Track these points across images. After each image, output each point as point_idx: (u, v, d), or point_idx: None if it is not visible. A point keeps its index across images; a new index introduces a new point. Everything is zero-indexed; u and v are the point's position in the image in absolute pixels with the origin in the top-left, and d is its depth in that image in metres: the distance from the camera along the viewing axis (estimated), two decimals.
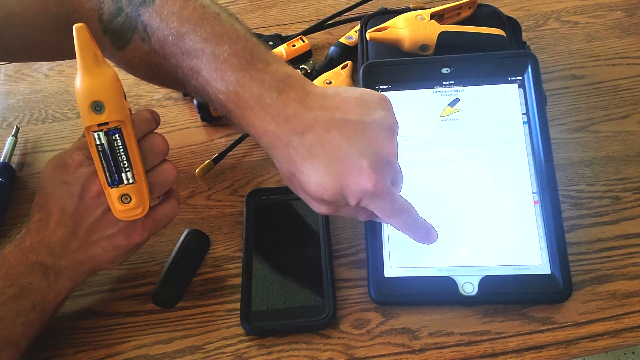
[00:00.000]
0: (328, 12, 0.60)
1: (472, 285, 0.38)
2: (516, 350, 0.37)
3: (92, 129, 0.33)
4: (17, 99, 0.57)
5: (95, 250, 0.36)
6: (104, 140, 0.33)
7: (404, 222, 0.35)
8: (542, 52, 0.54)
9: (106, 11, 0.36)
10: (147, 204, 0.35)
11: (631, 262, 0.40)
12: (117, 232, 0.36)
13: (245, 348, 0.38)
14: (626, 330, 0.37)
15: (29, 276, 0.35)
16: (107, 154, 0.34)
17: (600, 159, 0.46)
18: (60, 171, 0.35)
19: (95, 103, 0.32)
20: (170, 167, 0.37)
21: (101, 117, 0.32)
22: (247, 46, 0.33)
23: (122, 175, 0.34)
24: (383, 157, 0.32)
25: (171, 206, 0.38)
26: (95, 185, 0.35)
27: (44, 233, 0.36)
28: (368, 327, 0.38)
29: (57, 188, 0.35)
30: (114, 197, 0.35)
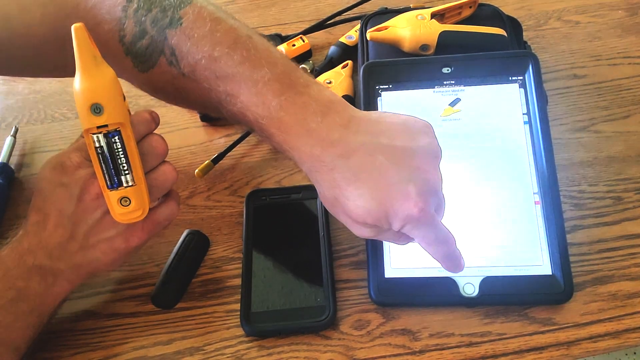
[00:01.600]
0: (328, 12, 0.60)
1: (473, 286, 0.38)
2: (517, 351, 0.36)
3: (91, 131, 0.33)
4: (16, 99, 0.57)
5: (94, 253, 0.36)
6: (103, 143, 0.33)
7: (443, 252, 0.34)
8: (543, 52, 0.54)
9: (128, 33, 0.35)
10: (146, 206, 0.35)
11: (633, 263, 0.40)
12: (116, 235, 0.36)
13: (245, 349, 0.38)
14: (627, 331, 0.37)
15: (27, 279, 0.35)
16: (107, 156, 0.33)
17: (602, 159, 0.46)
18: (58, 173, 0.35)
19: (94, 105, 0.32)
20: (169, 169, 0.36)
21: (100, 120, 0.32)
22: (286, 70, 0.33)
23: (121, 178, 0.34)
24: (429, 184, 0.32)
25: (171, 208, 0.38)
26: (94, 188, 0.35)
27: (41, 235, 0.35)
28: (368, 328, 0.38)
29: (54, 190, 0.35)
30: (113, 200, 0.34)
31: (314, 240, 0.42)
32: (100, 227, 0.35)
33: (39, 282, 0.35)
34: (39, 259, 0.35)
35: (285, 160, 0.49)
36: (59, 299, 0.37)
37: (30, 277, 0.35)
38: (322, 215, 0.43)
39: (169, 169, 0.36)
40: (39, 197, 0.36)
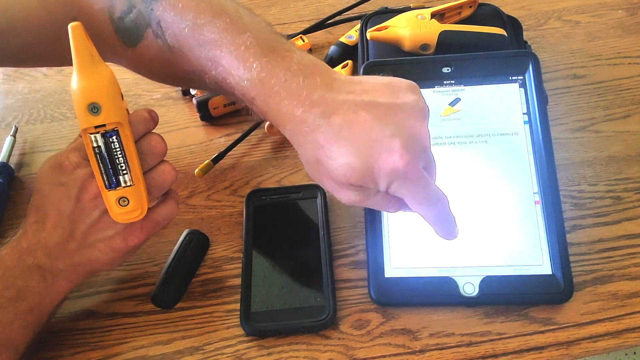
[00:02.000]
0: (328, 12, 0.60)
1: (473, 285, 0.38)
2: (517, 351, 0.36)
3: (89, 131, 0.33)
4: (15, 99, 0.57)
5: (93, 253, 0.36)
6: (100, 143, 0.33)
7: (436, 213, 0.33)
8: (543, 52, 0.54)
9: (117, 9, 0.36)
10: (145, 206, 0.35)
11: (633, 263, 0.40)
12: (115, 235, 0.36)
13: (244, 349, 0.38)
14: (627, 331, 0.37)
15: (26, 278, 0.35)
16: (105, 156, 0.33)
17: (602, 159, 0.46)
18: (56, 172, 0.35)
19: (91, 105, 0.32)
20: (168, 168, 0.36)
21: (98, 119, 0.32)
22: (269, 36, 0.33)
23: (119, 178, 0.34)
24: (416, 139, 0.31)
25: (169, 207, 0.38)
26: (92, 187, 0.35)
27: (40, 235, 0.35)
28: (368, 327, 0.38)
29: (53, 189, 0.35)
30: (111, 200, 0.34)
31: (313, 239, 0.42)
32: (98, 227, 0.35)
33: (38, 281, 0.35)
34: (38, 258, 0.35)
35: (285, 160, 0.49)
36: (59, 298, 0.37)
37: (29, 276, 0.35)
38: (322, 214, 0.43)
39: (168, 168, 0.36)
40: (37, 197, 0.36)
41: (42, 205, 0.35)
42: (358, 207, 0.45)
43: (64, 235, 0.35)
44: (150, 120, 0.36)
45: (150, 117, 0.36)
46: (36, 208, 0.36)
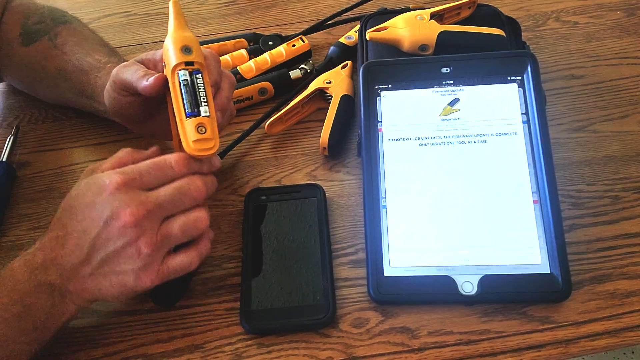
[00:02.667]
0: (328, 12, 0.60)
1: (472, 284, 0.38)
2: (515, 349, 0.37)
3: (179, 67, 0.38)
4: (17, 99, 0.58)
5: (103, 283, 0.35)
6: (187, 77, 0.38)
7: None
8: (541, 52, 0.55)
9: (31, 19, 0.51)
10: (218, 139, 0.37)
11: (631, 262, 0.40)
12: (130, 271, 0.35)
13: (244, 347, 0.38)
14: (626, 330, 0.37)
15: (35, 295, 0.34)
16: (189, 88, 0.37)
17: (600, 159, 0.46)
18: (92, 191, 0.35)
19: (184, 46, 0.38)
20: (202, 215, 0.36)
21: (189, 57, 0.38)
22: None
23: (200, 108, 0.37)
24: None
25: (190, 258, 0.37)
26: (125, 215, 0.34)
27: (57, 252, 0.35)
28: (367, 326, 0.38)
29: (84, 208, 0.34)
30: (190, 128, 0.36)
31: (313, 238, 0.42)
32: (118, 258, 0.34)
33: (46, 299, 0.34)
34: (51, 276, 0.34)
35: (285, 159, 0.49)
36: (64, 319, 0.36)
37: (39, 293, 0.34)
38: (322, 213, 0.43)
39: (202, 215, 0.36)
40: (65, 212, 0.35)
41: (67, 221, 0.35)
42: (357, 207, 0.45)
43: (81, 257, 0.34)
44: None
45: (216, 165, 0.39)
46: (61, 223, 0.35)
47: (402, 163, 0.42)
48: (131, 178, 0.35)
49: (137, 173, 0.35)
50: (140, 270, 0.35)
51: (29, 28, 0.50)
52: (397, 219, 0.40)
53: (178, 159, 0.36)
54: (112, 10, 0.66)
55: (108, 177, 0.35)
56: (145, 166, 0.36)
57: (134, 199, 0.34)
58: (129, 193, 0.34)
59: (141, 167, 0.36)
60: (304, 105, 0.52)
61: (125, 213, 0.34)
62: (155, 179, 0.36)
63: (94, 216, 0.34)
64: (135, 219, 0.34)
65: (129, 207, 0.34)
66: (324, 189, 0.45)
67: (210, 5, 0.65)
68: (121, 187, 0.34)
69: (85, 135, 0.53)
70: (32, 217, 0.47)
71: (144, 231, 0.34)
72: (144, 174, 0.35)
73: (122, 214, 0.34)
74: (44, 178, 0.50)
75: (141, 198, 0.34)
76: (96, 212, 0.34)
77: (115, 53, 0.51)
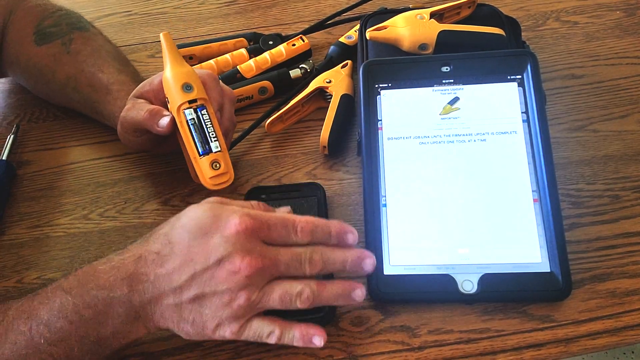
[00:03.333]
0: (328, 12, 0.61)
1: (472, 283, 0.38)
2: (515, 348, 0.37)
3: (183, 107, 0.40)
4: (17, 98, 0.58)
5: (184, 317, 0.33)
6: (194, 115, 0.40)
7: None
8: (541, 52, 0.55)
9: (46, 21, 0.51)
10: (232, 172, 0.40)
11: (631, 261, 0.40)
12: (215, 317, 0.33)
13: (244, 345, 0.38)
14: (626, 329, 0.37)
15: (110, 306, 0.32)
16: (198, 126, 0.39)
17: (600, 158, 0.46)
18: (217, 223, 0.33)
19: (185, 84, 0.40)
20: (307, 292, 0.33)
21: (191, 95, 0.40)
22: None
23: (211, 144, 0.40)
24: None
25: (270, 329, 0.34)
26: (241, 263, 0.32)
27: (153, 269, 0.33)
28: (367, 324, 0.38)
29: (200, 236, 0.33)
30: (205, 165, 0.39)
31: None
32: (210, 301, 0.32)
33: (120, 313, 0.33)
34: (137, 292, 0.33)
35: (285, 158, 0.49)
36: (129, 339, 0.34)
37: (115, 305, 0.32)
38: (322, 212, 0.43)
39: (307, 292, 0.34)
40: (177, 231, 0.33)
41: (176, 242, 0.33)
42: (357, 206, 0.45)
43: (176, 284, 0.32)
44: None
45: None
46: (167, 240, 0.33)
47: (402, 162, 0.42)
48: (260, 227, 0.33)
49: (266, 224, 0.34)
50: (226, 320, 0.33)
51: (44, 29, 0.50)
52: (397, 218, 0.40)
53: (305, 226, 0.34)
54: (113, 10, 0.66)
55: (240, 216, 0.33)
56: (274, 219, 0.34)
57: (255, 249, 0.33)
58: (252, 241, 0.33)
59: (271, 219, 0.34)
60: (304, 105, 0.52)
61: (243, 261, 0.32)
62: (279, 237, 0.34)
63: (208, 249, 0.32)
64: (250, 270, 0.32)
65: (248, 256, 0.32)
66: (324, 187, 0.45)
67: (210, 5, 0.65)
68: (248, 231, 0.33)
69: (85, 134, 0.53)
70: (32, 215, 0.47)
71: (250, 285, 0.32)
72: (272, 226, 0.34)
73: (238, 260, 0.32)
74: (44, 177, 0.50)
75: (262, 251, 0.33)
76: (213, 246, 0.32)
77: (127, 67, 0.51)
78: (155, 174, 0.49)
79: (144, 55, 0.60)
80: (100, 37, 0.53)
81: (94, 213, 0.47)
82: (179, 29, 0.63)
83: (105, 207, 0.47)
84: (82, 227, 0.46)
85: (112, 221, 0.46)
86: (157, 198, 0.47)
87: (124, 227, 0.46)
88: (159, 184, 0.49)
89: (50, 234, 0.46)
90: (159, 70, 0.60)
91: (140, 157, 0.51)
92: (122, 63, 0.51)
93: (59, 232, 0.46)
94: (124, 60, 0.52)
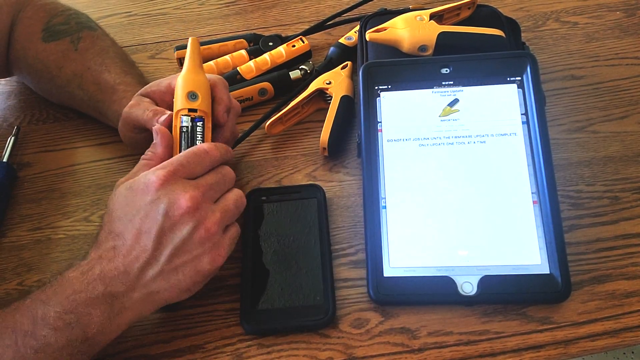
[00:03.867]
0: (328, 13, 0.60)
1: (471, 285, 0.38)
2: (515, 350, 0.37)
3: (182, 112, 0.40)
4: (18, 99, 0.58)
5: (174, 278, 0.34)
6: (188, 124, 0.39)
7: None
8: (541, 53, 0.55)
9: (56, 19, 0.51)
10: None
11: (630, 262, 0.40)
12: (203, 254, 0.35)
13: (244, 347, 0.38)
14: (625, 330, 0.37)
15: (91, 306, 0.33)
16: (188, 135, 0.39)
17: (599, 159, 0.46)
18: (139, 193, 0.34)
19: (191, 92, 0.40)
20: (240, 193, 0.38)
21: (194, 104, 0.40)
22: None
23: None
24: None
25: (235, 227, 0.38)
26: (184, 201, 0.34)
27: (117, 262, 0.34)
28: (367, 326, 0.38)
29: (136, 212, 0.34)
30: None
31: (313, 239, 0.42)
32: (186, 247, 0.34)
33: (103, 310, 0.33)
34: (112, 286, 0.33)
35: (285, 160, 0.49)
36: (118, 330, 0.35)
37: (95, 304, 0.33)
38: (322, 214, 0.43)
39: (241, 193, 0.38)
40: (115, 221, 0.35)
41: (123, 229, 0.34)
42: (357, 208, 0.45)
43: (146, 258, 0.33)
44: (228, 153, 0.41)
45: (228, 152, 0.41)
46: (115, 233, 0.34)
47: (401, 163, 0.42)
48: (175, 170, 0.35)
49: (178, 164, 0.36)
50: (212, 250, 0.35)
51: (53, 27, 0.50)
52: (397, 220, 0.40)
53: (210, 147, 0.38)
54: (113, 11, 0.66)
55: (152, 174, 0.35)
56: (183, 157, 0.37)
57: (186, 186, 0.35)
58: (178, 182, 0.34)
59: (180, 158, 0.36)
60: (304, 106, 0.52)
61: (185, 198, 0.34)
62: (197, 167, 0.37)
63: (150, 214, 0.34)
64: (195, 203, 0.34)
65: (185, 193, 0.34)
66: (324, 189, 0.45)
67: (210, 6, 0.65)
68: (169, 179, 0.34)
69: (86, 135, 0.53)
70: (32, 217, 0.48)
71: (206, 212, 0.35)
72: (185, 164, 0.36)
73: (180, 200, 0.34)
74: (45, 179, 0.50)
75: (192, 184, 0.35)
76: (151, 209, 0.34)
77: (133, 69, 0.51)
78: None
79: (144, 56, 0.60)
80: (107, 38, 0.53)
81: (95, 215, 0.47)
82: (178, 30, 0.63)
83: None
84: (83, 230, 0.46)
85: None
86: None
87: None
88: None
89: (52, 236, 0.46)
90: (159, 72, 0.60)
91: None
92: (128, 65, 0.51)
93: (60, 235, 0.46)
94: (130, 62, 0.52)
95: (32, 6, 0.52)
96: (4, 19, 0.51)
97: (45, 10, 0.52)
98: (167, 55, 0.60)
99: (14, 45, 0.51)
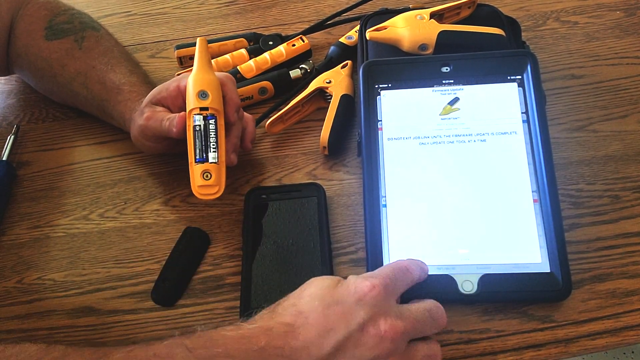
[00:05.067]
0: (328, 12, 0.61)
1: (472, 283, 0.38)
2: (515, 348, 0.37)
3: (194, 111, 0.41)
4: (17, 98, 0.58)
5: None
6: (200, 122, 0.40)
7: None
8: (541, 52, 0.55)
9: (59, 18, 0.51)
10: (223, 186, 0.40)
11: (631, 261, 0.40)
12: None
13: None
14: (626, 329, 0.37)
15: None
16: (202, 134, 0.40)
17: (600, 158, 0.46)
18: (348, 289, 0.32)
19: (201, 92, 0.41)
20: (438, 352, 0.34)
21: (205, 103, 0.41)
22: None
23: (209, 154, 0.40)
24: None
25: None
26: (385, 325, 0.30)
27: (288, 342, 0.30)
28: None
29: (334, 304, 0.31)
30: (197, 173, 0.40)
31: (313, 237, 0.42)
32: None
33: None
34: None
35: (285, 159, 0.49)
36: None
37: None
38: (322, 213, 0.43)
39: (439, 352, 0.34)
40: (306, 300, 0.32)
41: (310, 312, 0.31)
42: (357, 206, 0.45)
43: (317, 356, 0.30)
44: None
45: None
46: (298, 311, 0.31)
47: (402, 162, 0.42)
48: (386, 283, 0.32)
49: (388, 278, 0.33)
50: None
51: (56, 25, 0.50)
52: (397, 218, 0.40)
53: (410, 263, 0.35)
54: (113, 10, 0.66)
55: (366, 279, 0.32)
56: (390, 271, 0.34)
57: (393, 310, 0.32)
58: (388, 301, 0.32)
59: (387, 272, 0.34)
60: (304, 105, 0.52)
61: (386, 324, 0.31)
62: (401, 284, 0.34)
63: (347, 316, 0.31)
64: (394, 334, 0.31)
65: (390, 318, 0.31)
66: (324, 188, 0.45)
67: (210, 5, 0.65)
68: (381, 292, 0.31)
69: (85, 134, 0.53)
70: (32, 216, 0.48)
71: (396, 349, 0.31)
72: (392, 278, 0.33)
73: (381, 323, 0.31)
74: (44, 177, 0.50)
75: (400, 311, 0.32)
76: (350, 312, 0.31)
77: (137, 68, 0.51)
78: (155, 174, 0.49)
79: (144, 55, 0.60)
80: (111, 38, 0.53)
81: (94, 213, 0.47)
82: (178, 30, 0.63)
83: (106, 208, 0.47)
84: (82, 228, 0.46)
85: (112, 222, 0.46)
86: (157, 198, 0.48)
87: (124, 228, 0.46)
88: (159, 184, 0.49)
89: (51, 235, 0.46)
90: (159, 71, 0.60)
91: (140, 158, 0.51)
92: (133, 64, 0.51)
93: (59, 233, 0.46)
94: (134, 61, 0.52)
95: (33, 4, 0.52)
96: (4, 16, 0.50)
97: (47, 8, 0.52)
98: (167, 55, 0.60)
99: (15, 42, 0.51)
